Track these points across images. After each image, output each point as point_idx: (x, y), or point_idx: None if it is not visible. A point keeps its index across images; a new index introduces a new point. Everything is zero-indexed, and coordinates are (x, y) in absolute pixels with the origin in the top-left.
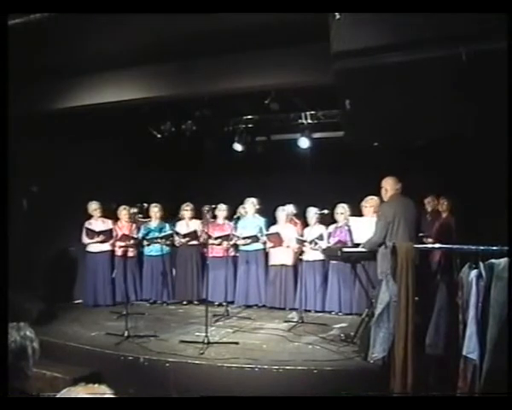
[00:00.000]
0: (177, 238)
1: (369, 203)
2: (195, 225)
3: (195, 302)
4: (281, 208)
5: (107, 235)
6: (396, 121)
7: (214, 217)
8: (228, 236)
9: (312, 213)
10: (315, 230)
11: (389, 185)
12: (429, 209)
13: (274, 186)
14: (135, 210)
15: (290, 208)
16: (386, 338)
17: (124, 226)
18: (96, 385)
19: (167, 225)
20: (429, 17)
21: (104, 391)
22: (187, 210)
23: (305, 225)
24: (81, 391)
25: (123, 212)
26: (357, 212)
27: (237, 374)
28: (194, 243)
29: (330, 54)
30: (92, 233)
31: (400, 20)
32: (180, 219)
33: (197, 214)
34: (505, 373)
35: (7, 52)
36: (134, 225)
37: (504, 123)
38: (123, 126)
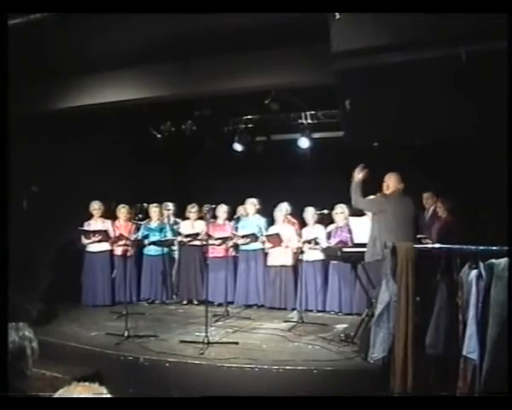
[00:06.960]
0: (179, 238)
1: None
2: (200, 226)
3: (195, 302)
4: (277, 209)
5: (103, 235)
6: (396, 121)
7: (214, 217)
8: (228, 236)
9: (311, 213)
10: (314, 230)
11: (391, 182)
12: (427, 206)
13: (274, 186)
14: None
15: (285, 206)
16: (386, 338)
17: (121, 226)
18: (91, 383)
19: (167, 226)
20: (429, 17)
21: (100, 389)
22: (192, 211)
23: (304, 224)
24: (76, 390)
25: (121, 210)
26: (356, 212)
27: (237, 374)
28: (197, 243)
29: (330, 54)
30: (88, 233)
31: (400, 20)
32: (185, 220)
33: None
34: (505, 373)
35: (7, 52)
36: (131, 224)
37: (504, 123)
38: (123, 126)
